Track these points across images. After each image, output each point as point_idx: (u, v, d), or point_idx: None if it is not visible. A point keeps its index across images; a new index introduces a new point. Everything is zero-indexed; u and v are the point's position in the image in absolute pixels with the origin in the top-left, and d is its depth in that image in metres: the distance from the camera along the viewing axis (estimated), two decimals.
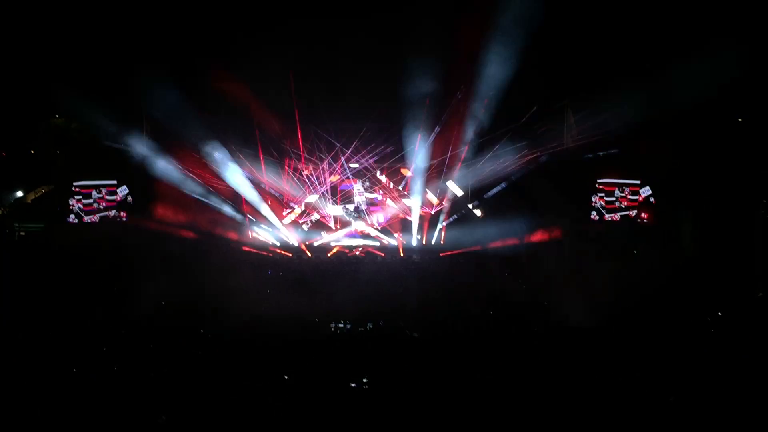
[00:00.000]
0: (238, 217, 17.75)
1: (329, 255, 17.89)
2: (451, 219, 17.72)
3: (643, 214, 16.72)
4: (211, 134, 16.67)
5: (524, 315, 11.93)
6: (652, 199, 16.68)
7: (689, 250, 15.69)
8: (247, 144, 17.41)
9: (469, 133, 16.65)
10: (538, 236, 16.42)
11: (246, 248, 17.69)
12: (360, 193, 18.09)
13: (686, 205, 15.94)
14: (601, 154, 16.24)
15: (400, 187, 18.05)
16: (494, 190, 17.12)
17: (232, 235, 17.71)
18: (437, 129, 16.73)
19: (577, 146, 16.47)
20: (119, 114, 16.54)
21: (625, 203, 16.77)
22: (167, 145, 16.66)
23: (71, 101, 16.41)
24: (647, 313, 11.23)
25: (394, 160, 17.63)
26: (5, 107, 15.81)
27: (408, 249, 17.81)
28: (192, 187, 17.02)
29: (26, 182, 17.11)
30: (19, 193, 17.07)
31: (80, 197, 16.50)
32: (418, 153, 17.14)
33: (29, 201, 17.09)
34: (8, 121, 16.28)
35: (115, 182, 16.92)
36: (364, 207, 18.12)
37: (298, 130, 17.24)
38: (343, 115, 17.24)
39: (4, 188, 16.84)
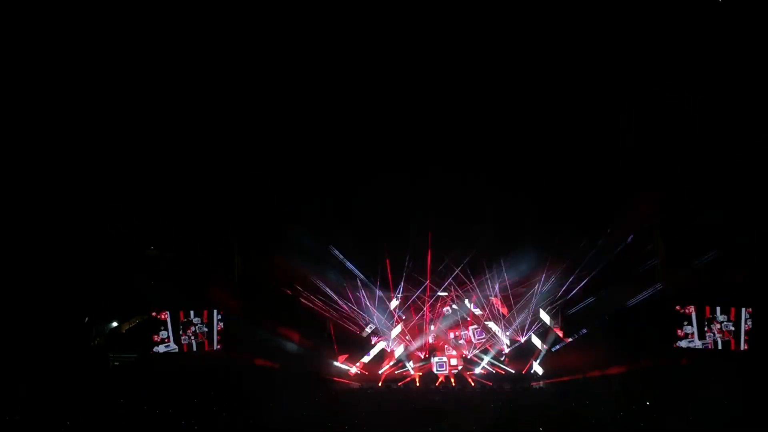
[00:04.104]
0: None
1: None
2: (557, 346, 17.43)
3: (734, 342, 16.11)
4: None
5: None
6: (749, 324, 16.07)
7: None
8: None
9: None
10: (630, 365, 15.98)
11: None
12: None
13: None
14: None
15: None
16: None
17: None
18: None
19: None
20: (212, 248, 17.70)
21: (718, 332, 16.24)
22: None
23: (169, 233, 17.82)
24: None
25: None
26: (104, 237, 16.99)
27: (498, 378, 17.36)
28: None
29: (121, 313, 17.88)
30: (114, 324, 17.81)
31: (172, 326, 17.06)
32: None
33: (123, 331, 17.75)
34: (105, 252, 17.26)
35: (207, 312, 17.41)
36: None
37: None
38: None
39: (99, 319, 17.63)
